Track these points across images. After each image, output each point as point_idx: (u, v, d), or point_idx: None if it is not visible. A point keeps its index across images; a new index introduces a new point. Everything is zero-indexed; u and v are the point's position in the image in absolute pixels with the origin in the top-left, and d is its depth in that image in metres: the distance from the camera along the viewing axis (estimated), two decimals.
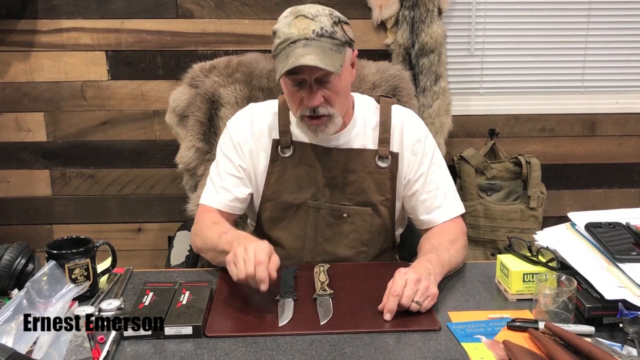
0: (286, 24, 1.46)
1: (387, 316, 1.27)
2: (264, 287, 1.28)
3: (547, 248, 1.42)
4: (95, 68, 2.48)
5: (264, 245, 1.33)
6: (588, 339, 1.18)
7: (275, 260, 1.33)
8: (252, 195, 1.66)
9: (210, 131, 2.06)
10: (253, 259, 1.29)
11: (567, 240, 1.45)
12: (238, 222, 1.83)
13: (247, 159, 1.63)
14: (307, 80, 1.46)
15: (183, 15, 2.45)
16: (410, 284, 1.28)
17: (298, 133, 1.61)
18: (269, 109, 1.66)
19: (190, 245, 1.86)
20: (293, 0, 2.42)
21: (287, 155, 1.61)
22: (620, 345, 1.18)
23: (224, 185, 1.62)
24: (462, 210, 1.63)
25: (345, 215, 1.62)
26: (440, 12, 2.44)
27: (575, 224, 1.48)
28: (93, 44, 2.45)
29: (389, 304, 1.27)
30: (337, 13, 1.49)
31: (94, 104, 2.52)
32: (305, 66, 1.41)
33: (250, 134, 1.63)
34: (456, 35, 2.59)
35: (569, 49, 2.63)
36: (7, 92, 2.49)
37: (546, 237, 1.47)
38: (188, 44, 2.47)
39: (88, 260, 1.38)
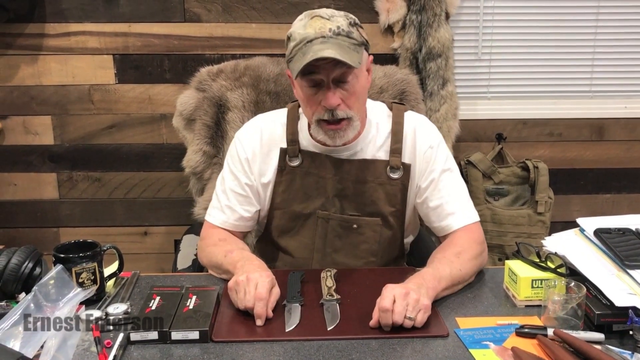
0: (301, 25, 1.44)
1: (387, 328, 1.25)
2: (259, 322, 1.28)
3: (555, 254, 1.41)
4: (102, 72, 2.49)
5: (266, 279, 1.32)
6: (598, 346, 1.17)
7: (276, 294, 1.34)
8: (259, 211, 1.65)
9: (217, 135, 2.06)
10: (253, 292, 1.29)
11: (576, 246, 1.44)
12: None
13: (255, 174, 1.60)
14: (325, 80, 1.44)
15: (190, 19, 2.45)
16: (399, 299, 1.24)
17: (307, 143, 1.59)
18: (277, 119, 1.64)
19: (196, 249, 1.86)
20: (300, 4, 2.43)
21: (295, 164, 1.59)
22: (630, 352, 1.16)
23: (230, 204, 1.61)
24: (477, 218, 1.57)
25: (354, 226, 1.60)
26: (447, 16, 2.44)
27: (584, 230, 1.47)
28: (100, 47, 2.46)
29: (383, 320, 1.24)
30: (352, 16, 1.48)
31: (101, 108, 2.53)
32: (323, 64, 1.40)
33: (259, 148, 1.60)
34: (463, 40, 2.58)
35: (577, 53, 2.63)
36: (15, 95, 2.50)
37: (555, 243, 1.46)
38: (195, 48, 2.47)
39: (95, 264, 1.38)
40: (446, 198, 1.57)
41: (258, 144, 1.61)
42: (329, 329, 1.26)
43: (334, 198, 1.60)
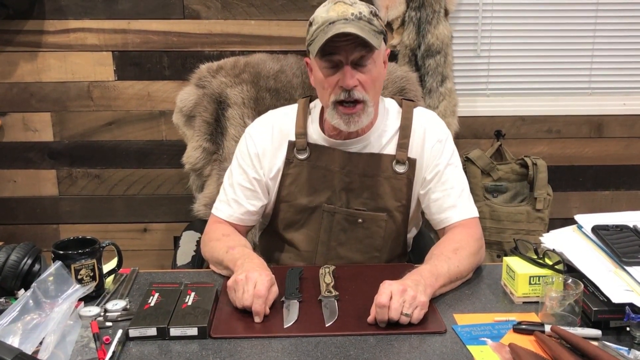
0: (324, 10, 1.48)
1: (382, 324, 1.26)
2: (258, 319, 1.28)
3: (553, 250, 1.41)
4: (101, 68, 2.48)
5: (265, 278, 1.32)
6: (595, 343, 1.17)
7: (274, 293, 1.34)
8: (265, 205, 1.66)
9: (217, 131, 2.06)
10: (252, 291, 1.29)
11: (574, 242, 1.44)
12: None
13: (264, 169, 1.62)
14: (344, 61, 1.46)
15: (189, 16, 2.45)
16: (396, 295, 1.24)
17: (317, 136, 1.60)
18: (288, 113, 1.65)
19: (196, 245, 1.87)
20: (299, 2, 2.43)
21: (302, 157, 1.60)
22: (627, 349, 1.17)
23: (236, 198, 1.62)
24: (476, 214, 1.59)
25: (360, 220, 1.61)
26: (446, 13, 2.43)
27: (582, 227, 1.47)
28: (100, 44, 2.46)
29: (379, 316, 1.25)
30: (373, 6, 1.52)
31: (101, 104, 2.53)
32: (343, 45, 1.43)
33: (270, 143, 1.62)
34: (463, 37, 2.58)
35: (576, 50, 2.62)
36: (14, 92, 2.50)
37: (552, 240, 1.47)
38: (194, 45, 2.47)
39: (94, 260, 1.38)
40: (448, 191, 1.58)
41: (269, 139, 1.62)
42: (327, 325, 1.27)
43: (340, 192, 1.60)
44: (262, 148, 1.62)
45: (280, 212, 1.65)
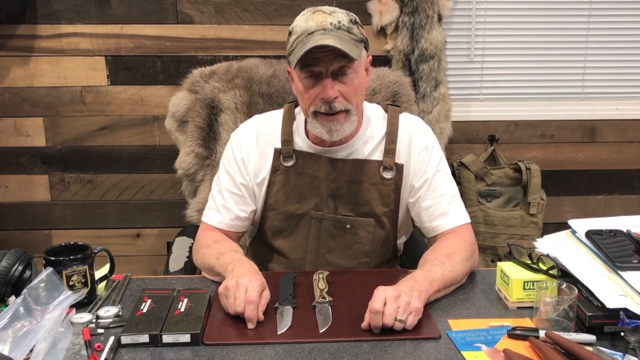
0: (303, 19, 1.47)
1: (376, 330, 1.25)
2: (251, 325, 1.28)
3: (547, 255, 1.41)
4: (94, 73, 2.48)
5: (256, 282, 1.31)
6: (589, 348, 1.17)
7: (266, 297, 1.33)
8: (254, 211, 1.65)
9: (209, 136, 2.05)
10: (243, 296, 1.28)
11: (568, 247, 1.44)
12: None
13: (250, 174, 1.61)
14: (324, 73, 1.44)
15: (183, 21, 2.45)
16: (390, 301, 1.24)
17: (302, 143, 1.60)
18: (273, 119, 1.64)
19: (188, 251, 1.86)
20: (292, 6, 2.43)
21: (289, 164, 1.59)
22: (621, 354, 1.17)
23: (225, 204, 1.61)
24: (467, 220, 1.58)
25: (348, 226, 1.60)
26: (440, 18, 2.44)
27: (575, 231, 1.47)
28: (93, 49, 2.45)
29: (373, 322, 1.24)
30: (353, 14, 1.50)
31: (93, 109, 2.52)
32: (322, 56, 1.41)
33: (255, 148, 1.61)
34: (456, 42, 2.59)
35: (569, 55, 2.63)
36: (6, 97, 2.49)
37: (546, 245, 1.47)
38: (188, 50, 2.47)
39: (86, 266, 1.37)
40: (438, 198, 1.57)
41: (254, 144, 1.61)
42: (320, 332, 1.26)
43: (327, 198, 1.60)
44: (247, 153, 1.61)
45: (267, 220, 1.64)
